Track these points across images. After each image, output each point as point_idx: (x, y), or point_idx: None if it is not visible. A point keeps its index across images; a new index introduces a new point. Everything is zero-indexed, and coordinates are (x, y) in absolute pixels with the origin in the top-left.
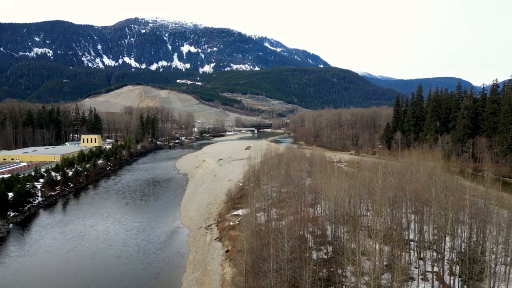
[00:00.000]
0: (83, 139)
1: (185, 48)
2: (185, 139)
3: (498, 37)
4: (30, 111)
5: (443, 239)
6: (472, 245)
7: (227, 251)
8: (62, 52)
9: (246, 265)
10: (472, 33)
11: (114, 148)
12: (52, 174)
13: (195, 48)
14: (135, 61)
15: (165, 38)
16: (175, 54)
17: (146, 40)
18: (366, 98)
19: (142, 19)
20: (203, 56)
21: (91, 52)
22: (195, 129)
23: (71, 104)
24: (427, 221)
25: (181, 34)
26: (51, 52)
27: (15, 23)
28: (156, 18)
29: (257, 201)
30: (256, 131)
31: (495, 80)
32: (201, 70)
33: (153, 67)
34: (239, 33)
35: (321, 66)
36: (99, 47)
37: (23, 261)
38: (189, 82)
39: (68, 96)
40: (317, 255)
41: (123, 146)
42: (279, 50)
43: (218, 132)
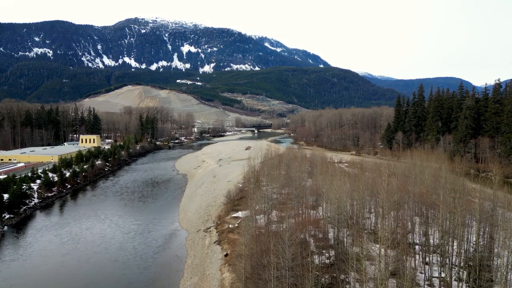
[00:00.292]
0: (82, 139)
1: (185, 48)
2: (185, 139)
3: (498, 37)
4: (28, 111)
5: (450, 243)
6: (480, 249)
7: (226, 255)
8: (62, 52)
9: (245, 272)
10: (472, 33)
11: (112, 148)
12: (49, 175)
13: (195, 48)
14: (135, 61)
15: (165, 38)
16: (175, 54)
17: (146, 40)
18: (366, 98)
19: (142, 19)
20: (203, 56)
21: (91, 52)
22: (195, 129)
23: (70, 104)
24: (432, 224)
25: (181, 34)
26: (51, 52)
27: (15, 23)
28: (156, 18)
29: (257, 203)
30: (256, 131)
31: (498, 79)
32: (201, 70)
33: (153, 67)
34: (239, 33)
35: (321, 66)
36: (99, 47)
37: (17, 266)
38: (189, 82)
39: (68, 96)
40: (319, 259)
41: (122, 146)
42: (279, 50)
43: (218, 132)
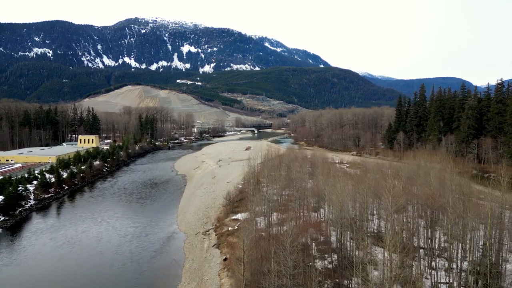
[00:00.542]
0: (80, 139)
1: (185, 48)
2: (185, 139)
3: (498, 37)
4: (27, 111)
5: (457, 248)
6: (489, 255)
7: (225, 259)
8: (62, 52)
9: (244, 279)
10: (472, 33)
11: (111, 149)
12: (46, 176)
13: (195, 48)
14: (135, 61)
15: (165, 38)
16: (175, 54)
17: (146, 40)
18: (366, 98)
19: (142, 19)
20: (203, 56)
21: (91, 52)
22: (195, 129)
23: (69, 104)
24: (436, 227)
25: (181, 34)
26: (50, 52)
27: (15, 23)
28: (156, 18)
29: (257, 205)
30: (256, 131)
31: (500, 79)
32: (201, 70)
33: (153, 67)
34: (239, 33)
35: (322, 66)
36: (99, 47)
37: (9, 271)
38: (189, 82)
39: (67, 96)
40: (321, 264)
41: (121, 146)
42: (279, 50)
43: (218, 132)
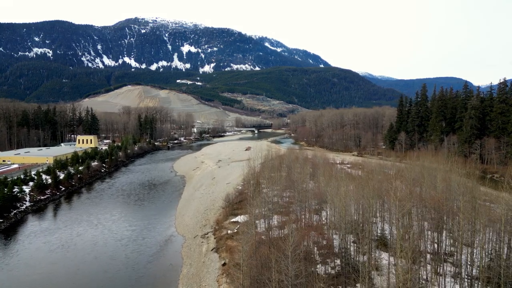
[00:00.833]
0: (79, 140)
1: (185, 48)
2: (184, 139)
3: (498, 37)
4: (25, 111)
5: (464, 252)
6: (501, 260)
7: (224, 264)
8: (61, 52)
9: None
10: (472, 33)
11: (110, 149)
12: (42, 177)
13: (195, 48)
14: (135, 61)
15: (165, 38)
16: (175, 54)
17: (146, 40)
18: (367, 98)
19: (142, 19)
20: (203, 56)
21: (91, 52)
22: (195, 129)
23: (69, 104)
24: (443, 230)
25: (181, 34)
26: (50, 52)
27: (15, 23)
28: (156, 18)
29: (257, 207)
30: (256, 132)
31: (503, 79)
32: (201, 70)
33: (153, 67)
34: (239, 33)
35: (322, 66)
36: (99, 47)
37: (0, 277)
38: (189, 82)
39: (67, 96)
40: (324, 269)
41: (120, 147)
42: (279, 50)
43: (218, 132)
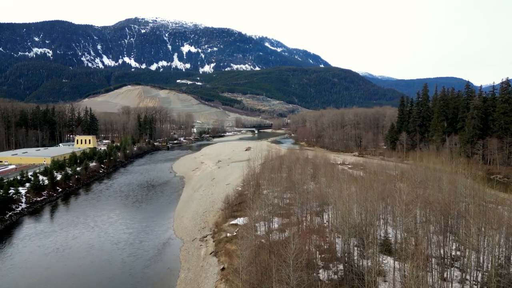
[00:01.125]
0: (77, 140)
1: (185, 48)
2: (184, 139)
3: (498, 37)
4: (23, 111)
5: (471, 257)
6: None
7: (223, 269)
8: (61, 52)
9: None
10: (472, 33)
11: (108, 149)
12: (39, 178)
13: (195, 48)
14: (135, 61)
15: (165, 38)
16: (175, 54)
17: (146, 40)
18: (367, 98)
19: (142, 19)
20: (203, 56)
21: (91, 52)
22: (194, 129)
23: (68, 104)
24: (449, 233)
25: (181, 34)
26: (50, 52)
27: (15, 23)
28: (156, 18)
29: (257, 209)
30: (256, 132)
31: (506, 78)
32: (201, 70)
33: (153, 67)
34: (240, 33)
35: (322, 66)
36: (99, 47)
37: None
38: (189, 82)
39: (67, 96)
40: (326, 275)
41: (118, 147)
42: (279, 50)
43: (217, 132)
